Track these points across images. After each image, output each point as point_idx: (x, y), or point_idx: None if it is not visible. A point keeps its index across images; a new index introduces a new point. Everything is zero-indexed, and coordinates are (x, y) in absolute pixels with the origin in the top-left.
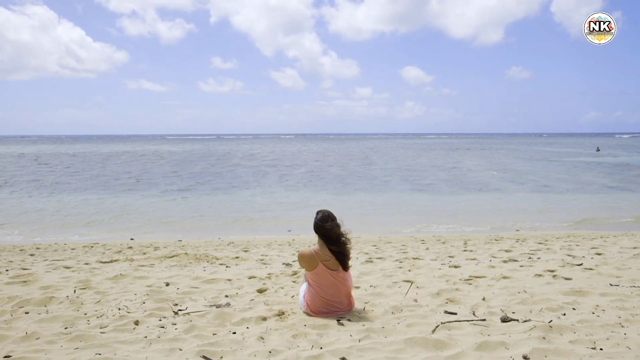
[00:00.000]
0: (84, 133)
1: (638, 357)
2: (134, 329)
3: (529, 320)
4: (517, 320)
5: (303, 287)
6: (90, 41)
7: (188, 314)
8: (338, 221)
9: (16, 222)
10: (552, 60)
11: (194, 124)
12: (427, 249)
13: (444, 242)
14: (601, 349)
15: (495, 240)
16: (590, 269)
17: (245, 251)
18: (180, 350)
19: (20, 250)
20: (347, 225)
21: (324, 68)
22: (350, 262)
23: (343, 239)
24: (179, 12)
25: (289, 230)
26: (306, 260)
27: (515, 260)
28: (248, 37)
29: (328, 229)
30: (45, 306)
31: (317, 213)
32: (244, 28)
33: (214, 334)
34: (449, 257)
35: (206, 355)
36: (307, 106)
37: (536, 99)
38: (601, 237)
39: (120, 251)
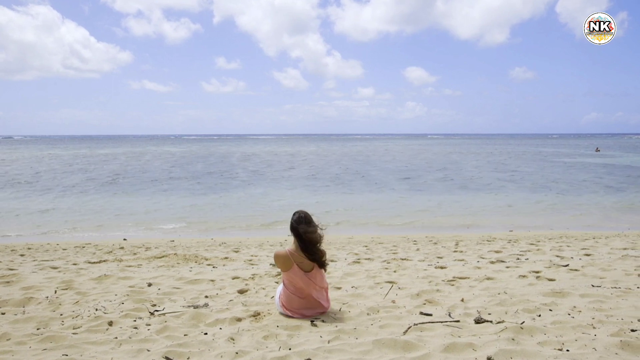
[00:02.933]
0: (85, 133)
1: (602, 358)
2: (107, 329)
3: (503, 321)
4: (491, 321)
5: (279, 288)
6: (94, 41)
7: (164, 314)
8: (315, 223)
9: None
10: (556, 61)
11: (195, 125)
12: (418, 249)
13: (435, 243)
14: (567, 350)
15: (488, 241)
16: (576, 269)
17: (236, 252)
18: (148, 351)
19: (12, 251)
20: (344, 225)
21: (327, 69)
22: (327, 262)
23: (314, 242)
24: (185, 12)
25: None
26: (281, 260)
27: (503, 261)
28: (253, 37)
29: (301, 231)
30: (24, 307)
31: (294, 214)
32: (249, 28)
33: (185, 335)
34: (438, 257)
35: (168, 356)
36: (309, 107)
37: (539, 100)
38: (593, 238)
39: (111, 251)
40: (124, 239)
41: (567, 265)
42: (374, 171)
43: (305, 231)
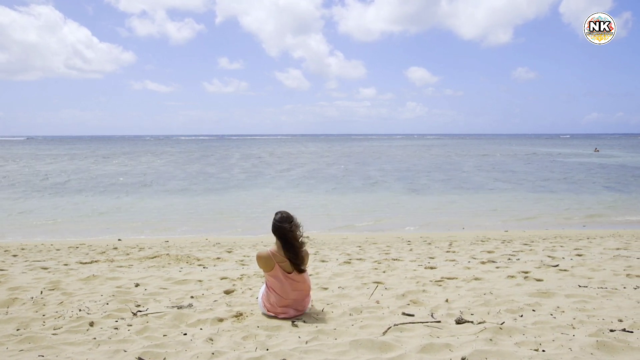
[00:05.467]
0: (85, 134)
1: (576, 358)
2: (87, 330)
3: (484, 322)
4: (472, 322)
5: (262, 289)
6: (97, 42)
7: (146, 315)
8: (297, 223)
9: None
10: (558, 61)
11: (196, 125)
12: (411, 250)
13: (429, 243)
14: (543, 351)
15: (482, 241)
16: (565, 270)
17: (229, 252)
18: (125, 351)
19: (5, 251)
20: (339, 225)
21: (330, 69)
22: (308, 263)
23: (297, 243)
24: (190, 12)
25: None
26: (263, 261)
27: (494, 262)
28: (256, 37)
29: (284, 232)
30: (7, 307)
31: (276, 214)
32: (253, 29)
33: (164, 335)
34: (430, 258)
35: (142, 357)
36: (310, 107)
37: (540, 100)
38: (587, 238)
39: (105, 252)
40: (119, 239)
41: (557, 265)
42: (371, 171)
43: (288, 231)
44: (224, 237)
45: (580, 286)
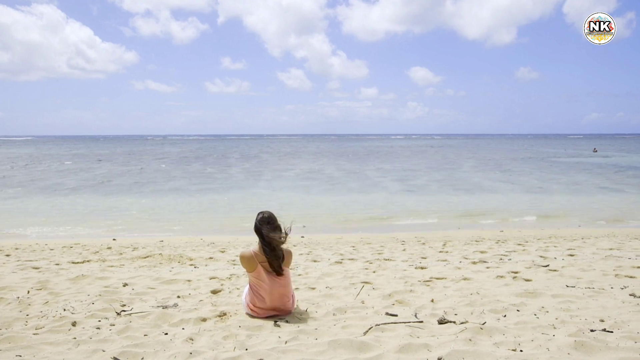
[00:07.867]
0: (87, 134)
1: (553, 358)
2: (69, 330)
3: (466, 322)
4: (454, 322)
5: (246, 289)
6: (100, 41)
7: (130, 314)
8: (279, 224)
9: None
10: (562, 61)
11: (197, 125)
12: (404, 250)
13: (423, 243)
14: (521, 351)
15: (476, 241)
16: (555, 270)
17: (222, 252)
18: (103, 351)
19: None
20: (335, 225)
21: (333, 69)
22: (292, 263)
23: (276, 244)
24: (194, 12)
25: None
26: (246, 261)
27: (485, 262)
28: (259, 38)
29: (264, 233)
30: None
31: (258, 214)
32: (258, 29)
33: (145, 335)
34: (422, 258)
35: (118, 357)
36: (312, 107)
37: (542, 100)
38: (582, 238)
39: (98, 252)
40: (114, 239)
41: (547, 265)
42: (370, 171)
43: (267, 232)
44: (219, 237)
45: (567, 286)
